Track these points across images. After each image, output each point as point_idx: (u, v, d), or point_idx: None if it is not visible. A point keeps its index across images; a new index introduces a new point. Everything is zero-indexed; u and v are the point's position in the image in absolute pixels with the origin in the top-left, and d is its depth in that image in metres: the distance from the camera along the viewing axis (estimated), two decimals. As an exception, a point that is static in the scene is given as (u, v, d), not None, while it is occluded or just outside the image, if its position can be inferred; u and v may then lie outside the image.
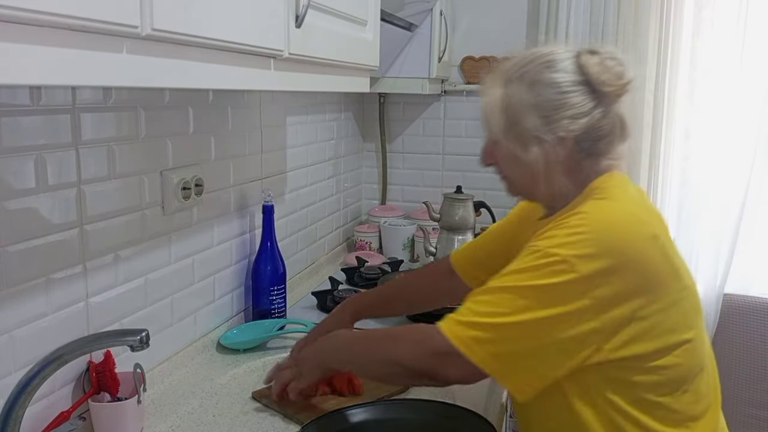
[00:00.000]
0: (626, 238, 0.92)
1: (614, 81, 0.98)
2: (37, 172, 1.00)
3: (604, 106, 0.99)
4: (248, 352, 1.46)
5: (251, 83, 0.97)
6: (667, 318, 0.94)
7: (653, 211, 1.04)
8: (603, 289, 0.90)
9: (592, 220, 0.94)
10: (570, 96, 0.98)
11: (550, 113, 0.98)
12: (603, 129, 0.99)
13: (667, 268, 0.95)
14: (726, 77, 2.18)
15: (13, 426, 0.87)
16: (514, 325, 0.91)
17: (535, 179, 1.03)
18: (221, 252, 1.53)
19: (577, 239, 0.92)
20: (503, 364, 0.92)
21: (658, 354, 0.95)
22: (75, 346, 0.88)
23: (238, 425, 1.17)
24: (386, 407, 1.17)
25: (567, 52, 1.01)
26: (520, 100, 1.00)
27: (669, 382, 0.97)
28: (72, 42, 0.59)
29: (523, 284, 0.92)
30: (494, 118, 1.03)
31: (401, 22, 1.93)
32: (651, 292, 0.92)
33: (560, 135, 0.99)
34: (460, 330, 0.94)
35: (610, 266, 0.90)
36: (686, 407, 0.98)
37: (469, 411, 1.14)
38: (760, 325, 2.32)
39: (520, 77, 1.01)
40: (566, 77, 0.99)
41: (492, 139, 1.06)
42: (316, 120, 2.07)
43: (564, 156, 1.00)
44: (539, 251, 0.93)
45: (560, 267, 0.90)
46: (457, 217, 2.01)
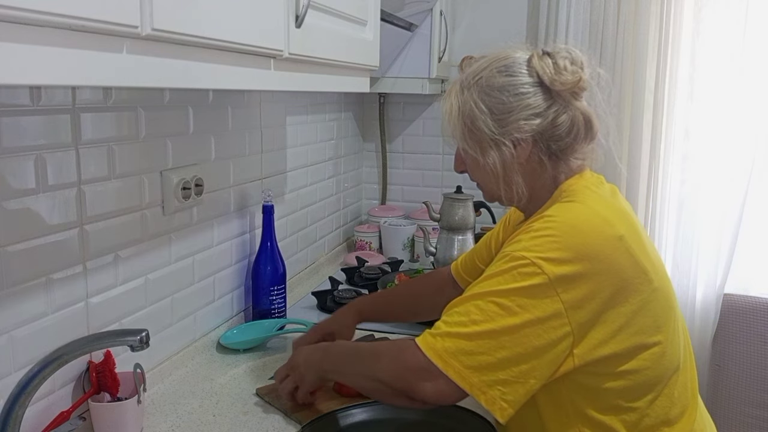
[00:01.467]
0: (592, 241, 0.92)
1: (566, 80, 0.98)
2: (37, 172, 1.00)
3: (559, 105, 1.00)
4: (248, 352, 1.46)
5: (251, 83, 0.97)
6: (635, 320, 0.93)
7: (621, 210, 1.02)
8: (572, 293, 0.89)
9: (558, 222, 0.94)
10: (522, 98, 0.99)
11: (504, 116, 1.00)
12: (561, 128, 1.00)
13: (633, 269, 0.94)
14: (726, 77, 2.18)
15: (13, 426, 0.87)
16: (488, 333, 0.89)
17: (497, 183, 1.05)
18: (221, 252, 1.53)
19: (543, 242, 0.92)
20: (479, 377, 0.89)
21: (626, 357, 0.94)
22: (75, 346, 0.88)
23: (238, 425, 1.17)
24: (386, 407, 1.17)
25: (522, 54, 1.03)
26: (475, 105, 1.02)
27: (639, 387, 0.95)
28: (72, 42, 0.59)
29: (492, 289, 0.91)
30: (453, 126, 1.05)
31: (401, 22, 1.93)
32: (618, 294, 0.92)
33: (516, 137, 1.00)
34: (434, 342, 0.91)
35: (577, 269, 0.89)
36: (660, 411, 0.97)
37: (469, 411, 1.14)
38: (760, 325, 2.32)
39: (475, 83, 1.03)
40: (518, 80, 1.00)
41: (459, 147, 1.09)
42: (316, 120, 2.08)
43: (524, 158, 1.02)
44: (507, 255, 0.93)
45: (529, 269, 0.90)
46: (457, 217, 2.01)
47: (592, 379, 0.95)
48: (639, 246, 0.96)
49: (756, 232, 2.32)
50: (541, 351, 0.89)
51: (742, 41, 2.15)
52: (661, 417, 0.97)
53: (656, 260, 1.01)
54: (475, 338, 0.89)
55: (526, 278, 0.89)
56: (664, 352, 0.97)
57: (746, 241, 2.31)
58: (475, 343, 0.89)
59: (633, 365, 0.94)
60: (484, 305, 0.90)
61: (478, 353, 0.89)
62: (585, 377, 0.95)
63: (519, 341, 0.88)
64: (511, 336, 0.89)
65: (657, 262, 1.01)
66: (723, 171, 2.25)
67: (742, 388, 2.36)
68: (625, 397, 0.95)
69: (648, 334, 0.95)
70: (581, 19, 2.22)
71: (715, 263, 2.30)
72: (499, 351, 0.89)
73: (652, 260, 0.99)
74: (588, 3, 2.21)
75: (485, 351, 0.89)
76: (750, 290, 2.35)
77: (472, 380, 0.89)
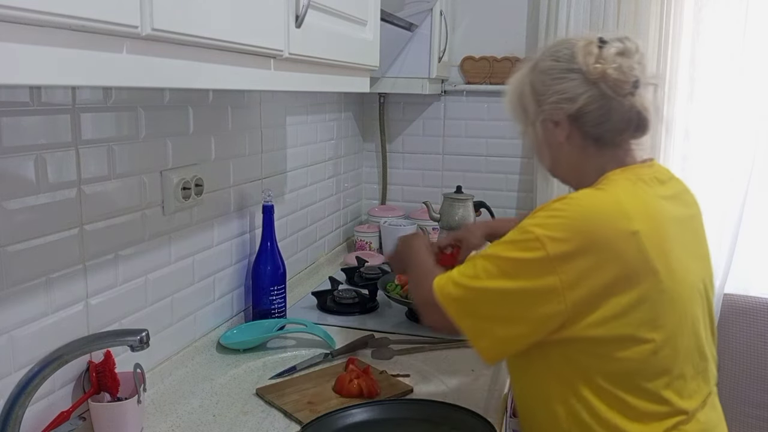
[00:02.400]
0: (598, 228, 0.96)
1: (600, 70, 1.02)
2: (37, 172, 1.00)
3: (595, 92, 1.03)
4: (248, 352, 1.46)
5: (251, 83, 0.97)
6: (630, 313, 0.96)
7: (649, 208, 1.02)
8: (570, 273, 0.95)
9: (573, 206, 0.99)
10: (560, 81, 1.05)
11: (541, 97, 1.08)
12: (594, 114, 1.04)
13: (640, 265, 0.96)
14: (726, 77, 2.18)
15: (13, 426, 0.87)
16: (485, 291, 1.00)
17: (542, 159, 1.14)
18: (221, 252, 1.53)
19: (552, 222, 0.97)
20: (472, 322, 1.02)
21: (614, 344, 0.97)
22: (75, 346, 0.88)
23: (238, 425, 1.17)
24: (386, 407, 1.17)
25: (581, 41, 1.07)
26: (525, 85, 1.11)
27: (622, 375, 0.98)
28: (72, 42, 0.59)
29: (499, 254, 1.01)
30: (511, 103, 1.15)
31: (401, 22, 1.93)
32: (617, 284, 0.95)
33: (551, 117, 1.07)
34: (445, 286, 1.05)
35: (577, 251, 0.95)
36: (642, 405, 0.99)
37: (469, 411, 1.14)
38: (760, 325, 2.32)
39: (532, 66, 1.11)
40: (561, 65, 1.06)
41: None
42: (316, 120, 2.07)
43: (563, 138, 1.08)
44: (521, 228, 1.00)
45: (533, 244, 0.96)
46: (457, 217, 2.01)
47: (579, 354, 1.00)
48: (657, 246, 0.98)
49: (756, 232, 2.31)
50: (532, 318, 0.98)
51: (742, 41, 2.15)
52: (643, 411, 0.99)
53: (682, 266, 1.01)
54: (474, 291, 1.01)
55: (529, 251, 0.97)
56: (656, 352, 0.98)
57: (746, 241, 2.31)
58: (473, 295, 1.02)
59: (619, 354, 0.97)
60: (489, 265, 1.00)
61: (473, 303, 1.02)
62: (574, 352, 1.00)
63: (511, 304, 0.98)
64: (504, 297, 0.99)
65: (681, 267, 1.01)
66: (723, 171, 2.25)
67: (741, 388, 2.36)
68: (607, 380, 0.99)
69: (642, 329, 0.97)
70: (581, 19, 2.22)
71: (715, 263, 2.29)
72: (492, 307, 1.00)
73: (672, 263, 0.99)
74: (588, 3, 2.21)
75: (479, 303, 1.01)
76: (750, 290, 2.35)
77: (465, 323, 1.02)
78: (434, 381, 1.35)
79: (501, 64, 2.43)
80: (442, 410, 1.16)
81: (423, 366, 1.42)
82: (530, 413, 1.11)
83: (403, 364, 1.43)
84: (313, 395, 1.26)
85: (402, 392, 1.29)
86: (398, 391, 1.29)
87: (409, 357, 1.47)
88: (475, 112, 2.50)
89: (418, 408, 1.17)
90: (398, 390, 1.29)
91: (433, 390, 1.31)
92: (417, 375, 1.37)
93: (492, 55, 2.43)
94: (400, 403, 1.20)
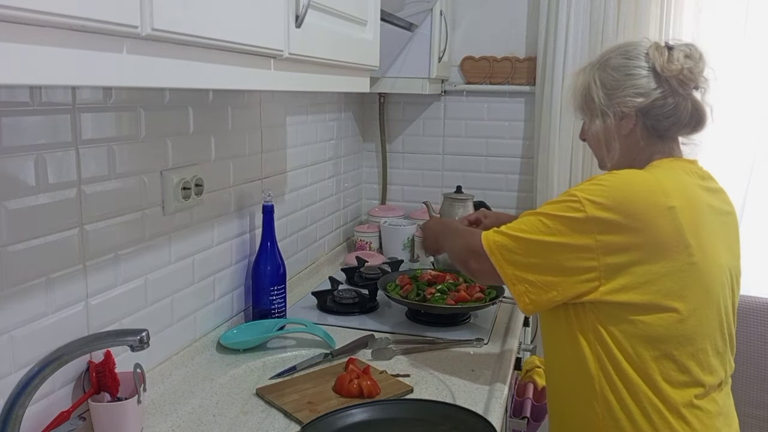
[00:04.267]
0: (637, 199, 1.07)
1: (673, 69, 1.13)
2: (37, 172, 1.00)
3: (665, 89, 1.15)
4: (248, 352, 1.46)
5: (251, 83, 0.97)
6: (660, 281, 1.06)
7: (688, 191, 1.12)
8: (607, 237, 1.06)
9: (616, 178, 1.10)
10: (632, 78, 1.16)
11: (613, 91, 1.18)
12: (662, 109, 1.16)
13: (674, 238, 1.05)
14: (726, 77, 2.18)
15: (13, 426, 0.87)
16: (528, 241, 1.12)
17: (600, 149, 1.24)
18: (221, 252, 1.53)
19: (595, 188, 1.09)
20: (513, 270, 1.13)
21: (641, 309, 1.07)
22: (75, 346, 0.88)
23: (238, 425, 1.17)
24: (386, 407, 1.17)
25: (646, 42, 1.19)
26: (593, 80, 1.21)
27: (647, 339, 1.08)
28: (72, 42, 0.59)
29: (545, 212, 1.12)
30: (576, 97, 1.25)
31: (401, 22, 1.93)
32: (651, 254, 1.05)
33: (620, 110, 1.18)
34: (492, 236, 1.17)
35: (616, 218, 1.05)
36: (662, 368, 1.08)
37: (469, 411, 1.14)
38: (760, 325, 2.32)
39: (603, 63, 1.21)
40: (634, 63, 1.17)
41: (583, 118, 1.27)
42: (316, 120, 2.07)
43: (627, 131, 1.19)
44: (567, 191, 1.13)
45: (574, 205, 1.08)
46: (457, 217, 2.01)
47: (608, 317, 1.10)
48: (691, 222, 1.08)
49: (756, 232, 2.31)
50: (567, 272, 1.09)
51: (742, 41, 2.15)
52: (663, 375, 1.08)
53: (712, 246, 1.10)
54: (518, 241, 1.13)
55: (570, 211, 1.09)
56: (682, 321, 1.07)
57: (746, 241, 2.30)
58: (516, 244, 1.13)
59: (646, 319, 1.07)
60: (535, 220, 1.12)
61: (515, 252, 1.13)
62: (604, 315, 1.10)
63: (549, 256, 1.10)
64: (544, 249, 1.10)
65: (711, 247, 1.10)
66: (723, 171, 2.25)
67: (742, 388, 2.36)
68: (632, 344, 1.09)
69: (669, 298, 1.06)
70: (581, 19, 2.22)
71: (715, 263, 2.29)
72: (532, 257, 1.12)
73: (703, 241, 1.08)
74: (588, 3, 2.21)
75: (521, 253, 1.12)
76: (750, 290, 2.35)
77: (506, 270, 1.14)
78: (434, 381, 1.35)
79: (501, 64, 2.43)
80: (442, 410, 1.16)
81: (423, 366, 1.42)
82: (562, 378, 1.21)
83: (403, 364, 1.43)
84: (313, 395, 1.26)
85: (402, 392, 1.29)
86: (398, 391, 1.28)
87: (409, 357, 1.47)
88: (475, 112, 2.50)
89: (418, 408, 1.17)
90: (398, 390, 1.29)
91: (433, 390, 1.31)
92: (417, 375, 1.37)
93: (492, 55, 2.43)
94: (400, 403, 1.20)
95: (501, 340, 1.58)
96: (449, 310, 1.63)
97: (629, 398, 1.09)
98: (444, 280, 1.75)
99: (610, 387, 1.11)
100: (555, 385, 1.26)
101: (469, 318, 1.71)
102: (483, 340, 1.56)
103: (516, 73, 2.43)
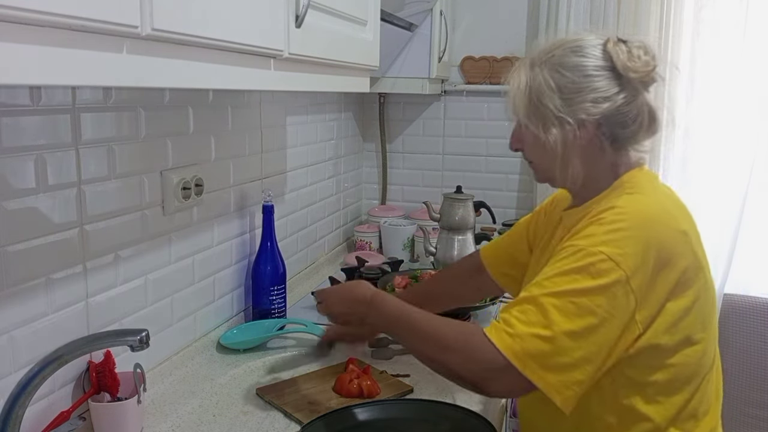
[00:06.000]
0: (661, 234, 0.94)
1: (639, 68, 0.98)
2: (37, 172, 1.00)
3: (628, 92, 0.99)
4: (248, 352, 1.46)
5: (251, 83, 0.97)
6: (688, 315, 0.96)
7: (683, 207, 1.05)
8: (641, 284, 0.90)
9: (630, 215, 0.94)
10: (593, 80, 0.99)
11: (573, 95, 0.99)
12: (627, 116, 1.00)
13: (693, 264, 0.97)
14: (726, 77, 2.18)
15: (13, 426, 0.87)
16: (567, 334, 0.89)
17: (554, 162, 1.03)
18: (221, 252, 1.53)
19: (619, 237, 0.92)
20: (556, 376, 0.89)
21: (672, 350, 0.96)
22: (75, 346, 0.88)
23: (238, 425, 1.17)
24: (386, 407, 1.17)
25: (596, 39, 1.03)
26: (545, 82, 1.01)
27: (678, 381, 0.98)
28: (72, 42, 0.59)
29: (569, 288, 0.90)
30: (518, 100, 1.04)
31: (401, 22, 1.93)
32: (678, 286, 0.94)
33: (581, 117, 0.99)
34: (513, 343, 0.90)
35: (651, 262, 0.91)
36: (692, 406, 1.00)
37: (469, 411, 1.14)
38: (760, 325, 2.32)
39: (546, 61, 1.02)
40: (592, 62, 1.00)
41: (518, 123, 1.07)
42: (316, 120, 2.07)
43: (586, 140, 1.01)
44: (582, 250, 0.92)
45: (606, 265, 0.89)
46: (457, 217, 2.01)
47: (637, 371, 0.96)
48: (699, 242, 1.01)
49: (756, 232, 2.31)
50: (613, 346, 0.91)
51: (742, 41, 2.15)
52: (692, 412, 1.00)
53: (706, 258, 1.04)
54: (555, 341, 0.89)
55: (604, 275, 0.89)
56: (705, 351, 1.00)
57: (746, 241, 2.31)
58: (555, 346, 0.89)
59: (676, 359, 0.96)
60: (562, 305, 0.90)
61: (557, 355, 0.89)
62: (631, 369, 0.96)
63: (596, 340, 0.89)
64: (589, 336, 0.89)
65: (707, 260, 1.04)
66: (723, 171, 2.25)
67: (741, 388, 2.36)
68: (665, 392, 0.97)
69: (695, 330, 0.97)
70: (581, 19, 2.22)
71: (715, 263, 2.29)
72: (578, 351, 0.89)
73: (706, 260, 1.03)
74: (588, 3, 2.21)
75: (564, 352, 0.89)
76: (750, 290, 2.35)
77: (549, 380, 0.90)
78: (434, 381, 1.35)
79: (501, 64, 2.43)
80: (442, 410, 1.16)
81: (423, 366, 1.41)
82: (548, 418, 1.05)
83: (403, 364, 1.43)
84: (313, 395, 1.26)
85: (402, 392, 1.29)
86: (398, 391, 1.28)
87: (409, 357, 1.46)
88: (475, 112, 2.50)
89: (418, 408, 1.17)
90: (398, 390, 1.29)
91: (433, 390, 1.31)
92: (417, 375, 1.37)
93: (492, 55, 2.44)
94: (400, 403, 1.20)
95: (501, 340, 1.58)
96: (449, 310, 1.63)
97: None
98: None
99: None
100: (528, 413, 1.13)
101: (469, 318, 1.71)
102: (483, 340, 1.55)
103: (516, 73, 2.43)
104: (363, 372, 1.30)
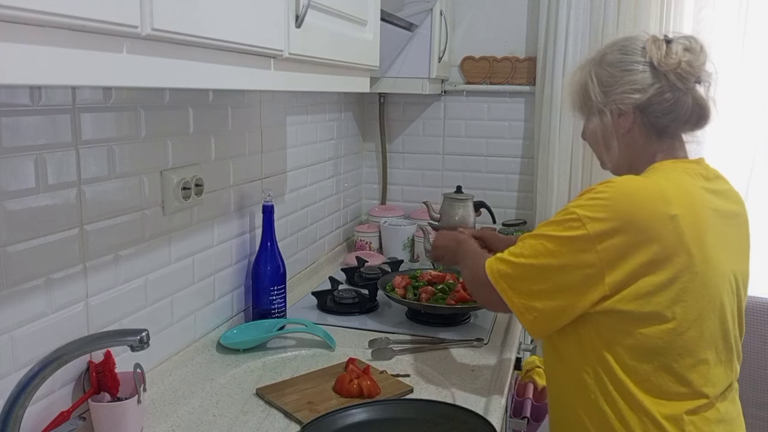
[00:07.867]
0: (638, 210, 1.02)
1: (670, 63, 1.09)
2: (37, 172, 1.00)
3: (663, 84, 1.11)
4: (248, 352, 1.46)
5: (251, 83, 0.97)
6: (662, 293, 1.02)
7: (695, 197, 1.08)
8: (608, 251, 1.01)
9: (614, 188, 1.05)
10: (629, 73, 1.12)
11: (610, 88, 1.14)
12: (661, 105, 1.11)
13: (676, 247, 1.01)
14: (726, 77, 2.18)
15: (13, 426, 0.87)
16: (531, 267, 1.07)
17: (599, 147, 1.20)
18: (221, 252, 1.53)
19: (593, 203, 1.04)
20: (518, 297, 1.09)
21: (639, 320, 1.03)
22: (75, 346, 0.88)
23: (238, 425, 1.17)
24: (386, 407, 1.17)
25: (644, 36, 1.15)
26: (590, 77, 1.17)
27: (646, 351, 1.04)
28: (72, 42, 0.59)
29: (543, 233, 1.08)
30: (574, 95, 1.22)
31: (401, 22, 1.93)
32: (653, 264, 1.01)
33: (617, 107, 1.14)
34: (494, 264, 1.13)
35: (615, 230, 1.01)
36: (661, 382, 1.05)
37: (469, 411, 1.14)
38: (760, 325, 2.32)
39: (596, 59, 1.18)
40: (630, 58, 1.13)
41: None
42: (316, 120, 2.07)
43: (625, 128, 1.15)
44: (566, 209, 1.07)
45: (574, 224, 1.04)
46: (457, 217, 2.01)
47: (607, 330, 1.06)
48: (694, 231, 1.03)
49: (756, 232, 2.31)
50: (574, 292, 1.04)
51: (742, 41, 2.15)
52: (660, 386, 1.05)
53: (715, 254, 1.06)
54: (521, 268, 1.09)
55: (570, 230, 1.04)
56: (681, 333, 1.04)
57: (746, 241, 2.30)
58: (520, 272, 1.09)
59: (646, 331, 1.03)
60: (535, 243, 1.08)
61: (521, 279, 1.09)
62: (603, 327, 1.06)
63: (554, 280, 1.05)
64: (548, 273, 1.06)
65: (715, 255, 1.05)
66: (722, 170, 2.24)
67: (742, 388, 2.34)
68: (633, 357, 1.05)
69: (669, 309, 1.03)
70: (581, 19, 2.22)
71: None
72: (538, 283, 1.07)
73: (707, 249, 1.04)
74: (588, 3, 2.21)
75: (527, 279, 1.08)
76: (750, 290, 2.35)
77: (513, 300, 1.10)
78: (434, 381, 1.35)
79: (501, 64, 2.43)
80: (442, 410, 1.16)
81: (423, 366, 1.42)
82: (559, 384, 1.18)
83: (403, 364, 1.43)
84: (313, 395, 1.26)
85: (402, 392, 1.29)
86: (398, 391, 1.28)
87: (409, 357, 1.47)
88: (475, 112, 2.50)
89: (418, 408, 1.17)
90: (398, 390, 1.29)
91: (433, 390, 1.31)
92: (417, 375, 1.37)
93: (492, 55, 2.44)
94: (400, 403, 1.20)
95: (501, 340, 1.58)
96: (449, 310, 1.63)
97: (626, 408, 1.06)
98: (444, 280, 1.75)
99: (605, 398, 1.07)
100: (552, 391, 1.24)
101: (469, 318, 1.71)
102: (483, 340, 1.56)
103: (516, 73, 2.43)
104: (363, 372, 1.30)
